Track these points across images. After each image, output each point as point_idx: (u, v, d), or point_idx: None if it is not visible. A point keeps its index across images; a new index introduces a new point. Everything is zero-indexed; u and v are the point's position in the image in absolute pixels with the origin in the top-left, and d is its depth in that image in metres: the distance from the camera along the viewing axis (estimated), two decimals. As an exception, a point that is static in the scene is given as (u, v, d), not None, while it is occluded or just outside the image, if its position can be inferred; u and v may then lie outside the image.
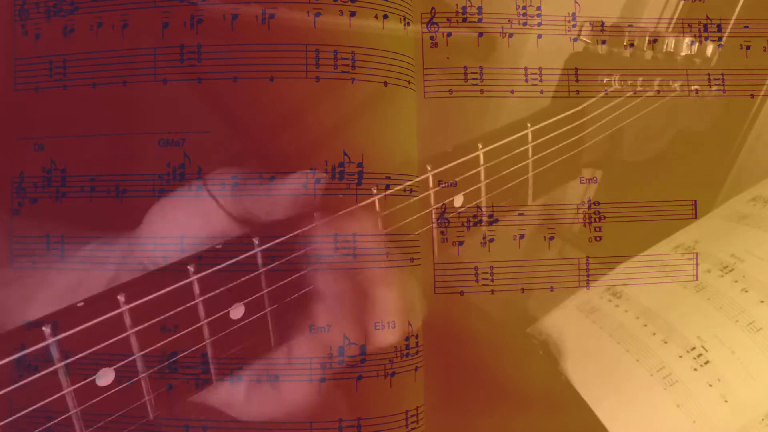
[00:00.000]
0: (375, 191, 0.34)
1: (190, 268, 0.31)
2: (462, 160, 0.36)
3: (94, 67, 0.34)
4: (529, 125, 0.37)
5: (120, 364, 0.30)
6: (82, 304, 0.30)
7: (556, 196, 0.38)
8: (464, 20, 0.37)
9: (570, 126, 0.38)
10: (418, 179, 0.36)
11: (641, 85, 0.39)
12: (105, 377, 0.30)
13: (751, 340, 0.36)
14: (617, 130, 0.39)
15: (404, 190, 0.35)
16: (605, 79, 0.39)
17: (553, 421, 0.37)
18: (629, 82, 0.39)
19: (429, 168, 0.36)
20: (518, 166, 0.37)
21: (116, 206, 0.34)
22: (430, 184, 0.36)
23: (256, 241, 0.31)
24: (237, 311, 0.32)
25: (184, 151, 0.33)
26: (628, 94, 0.39)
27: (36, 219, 0.34)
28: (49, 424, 0.29)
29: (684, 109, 0.40)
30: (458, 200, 0.36)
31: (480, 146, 0.36)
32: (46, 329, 0.29)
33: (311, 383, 0.32)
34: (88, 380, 0.30)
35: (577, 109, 0.38)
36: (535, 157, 0.38)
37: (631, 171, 0.40)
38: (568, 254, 0.38)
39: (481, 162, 0.36)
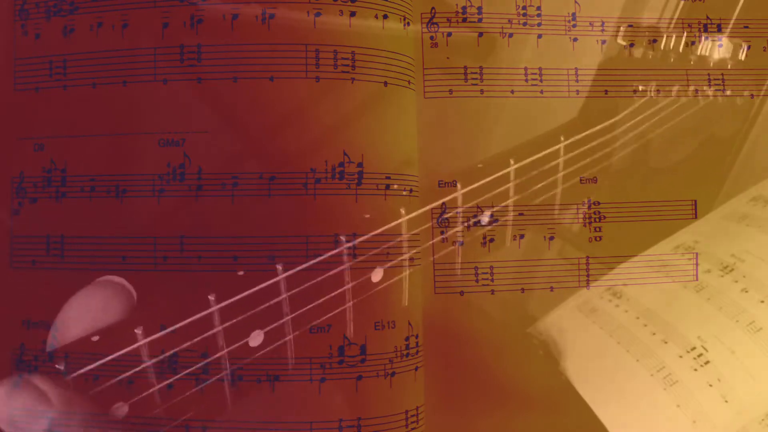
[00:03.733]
0: (403, 212, 0.34)
1: (211, 298, 0.31)
2: (492, 177, 0.36)
3: (94, 67, 0.34)
4: (562, 138, 0.37)
5: (123, 376, 0.30)
6: (97, 338, 0.30)
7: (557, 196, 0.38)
8: (464, 20, 0.37)
9: (602, 139, 0.38)
10: (447, 198, 0.36)
11: (677, 93, 0.39)
12: (119, 411, 0.30)
13: (752, 340, 0.36)
14: (646, 139, 0.39)
15: (404, 190, 0.35)
16: (640, 87, 0.38)
17: (553, 421, 0.37)
18: (666, 89, 0.38)
19: (459, 186, 0.36)
20: (548, 180, 0.37)
21: (116, 206, 0.34)
22: (459, 202, 0.36)
23: (279, 267, 0.32)
24: (256, 339, 0.32)
25: (184, 151, 0.33)
26: (663, 103, 0.39)
27: (36, 219, 0.34)
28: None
29: (714, 115, 0.39)
30: (485, 219, 0.36)
31: (512, 162, 0.36)
32: (60, 366, 0.29)
33: (311, 383, 0.32)
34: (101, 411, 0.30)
35: (611, 121, 0.38)
36: (565, 171, 0.38)
37: (634, 173, 0.40)
38: (568, 254, 0.38)
39: (512, 178, 0.36)
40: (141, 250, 0.33)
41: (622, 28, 0.38)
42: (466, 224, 0.36)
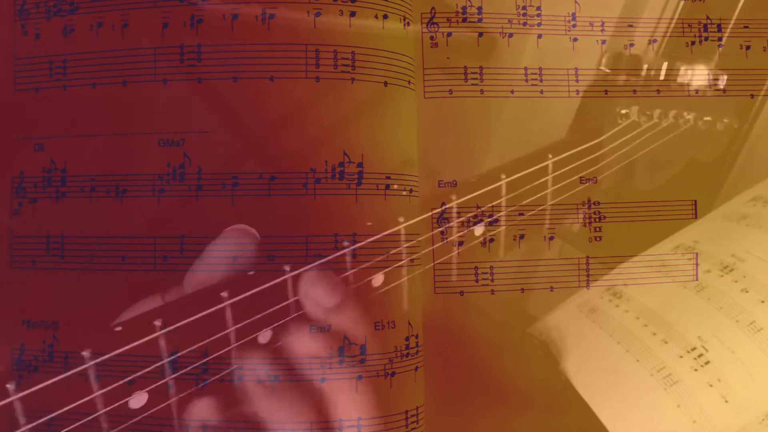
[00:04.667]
0: (402, 220, 0.34)
1: (224, 294, 0.31)
2: (484, 190, 0.37)
3: (94, 67, 0.34)
4: (550, 156, 0.37)
5: (151, 387, 0.31)
6: (120, 329, 0.30)
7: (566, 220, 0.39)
8: (464, 20, 0.37)
9: (588, 158, 0.38)
10: (445, 207, 0.36)
11: (658, 117, 0.39)
12: (138, 399, 0.31)
13: (752, 341, 0.36)
14: (631, 160, 0.39)
15: (404, 190, 0.35)
16: (623, 111, 0.39)
17: (553, 421, 0.37)
18: (647, 113, 0.39)
19: (454, 198, 0.36)
20: (538, 196, 0.38)
21: (116, 206, 0.34)
22: (454, 211, 0.36)
23: (287, 268, 0.32)
24: (265, 336, 0.32)
25: (184, 151, 0.33)
26: (645, 126, 0.39)
27: (36, 219, 0.34)
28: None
29: (695, 139, 0.40)
30: (478, 230, 0.37)
31: (503, 176, 0.37)
32: (86, 353, 0.29)
33: (311, 383, 0.32)
34: (122, 402, 0.30)
35: (595, 141, 0.38)
36: (554, 187, 0.38)
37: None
38: (568, 254, 0.38)
39: (503, 193, 0.37)
40: (141, 250, 0.33)
41: (604, 59, 0.38)
42: (463, 229, 0.37)
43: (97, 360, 0.29)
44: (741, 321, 0.37)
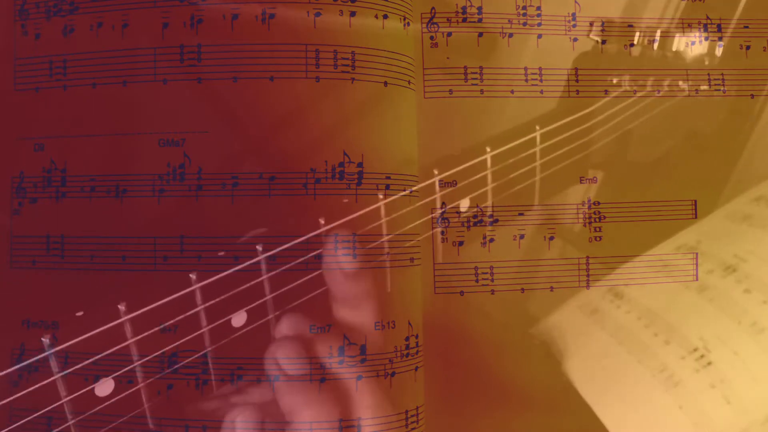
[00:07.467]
0: (381, 196, 0.34)
1: (192, 276, 0.31)
2: (470, 163, 0.36)
3: (94, 67, 0.34)
4: (537, 128, 0.37)
5: (119, 372, 0.30)
6: (81, 313, 0.30)
7: (557, 196, 0.38)
8: (464, 20, 0.37)
9: (579, 128, 0.38)
10: (424, 184, 0.36)
11: (651, 86, 0.39)
12: (104, 387, 0.30)
13: (754, 341, 0.36)
14: (626, 131, 0.39)
15: (404, 190, 0.35)
16: (615, 80, 0.38)
17: (554, 422, 0.37)
18: (639, 83, 0.39)
19: (436, 172, 0.36)
20: (526, 169, 0.37)
21: (116, 206, 0.34)
22: (437, 189, 0.36)
23: (259, 248, 0.32)
24: (239, 319, 0.32)
25: (184, 151, 0.33)
26: (638, 95, 0.39)
27: (36, 219, 0.34)
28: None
29: (692, 110, 0.39)
30: (464, 204, 0.36)
31: (488, 149, 0.36)
32: (45, 339, 0.29)
33: (311, 383, 0.32)
34: (87, 389, 0.30)
35: (586, 111, 0.38)
36: (543, 160, 0.38)
37: (632, 171, 0.39)
38: (568, 254, 0.38)
39: (489, 165, 0.36)
40: (141, 250, 0.33)
41: (595, 25, 0.38)
42: (463, 229, 0.36)
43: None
44: (743, 322, 0.37)
